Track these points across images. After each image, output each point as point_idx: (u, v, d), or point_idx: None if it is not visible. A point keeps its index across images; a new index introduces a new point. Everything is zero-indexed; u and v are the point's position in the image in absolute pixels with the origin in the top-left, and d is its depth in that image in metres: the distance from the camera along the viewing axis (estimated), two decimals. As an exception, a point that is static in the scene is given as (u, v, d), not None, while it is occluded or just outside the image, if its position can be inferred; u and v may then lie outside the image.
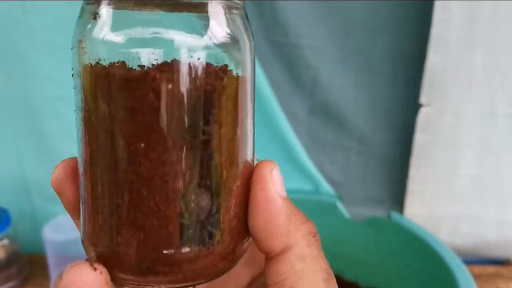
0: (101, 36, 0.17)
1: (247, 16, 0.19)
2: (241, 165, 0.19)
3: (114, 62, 0.17)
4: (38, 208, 0.67)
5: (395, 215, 0.61)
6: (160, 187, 0.17)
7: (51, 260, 0.63)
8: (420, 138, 0.62)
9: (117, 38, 0.17)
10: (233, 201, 0.19)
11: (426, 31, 0.59)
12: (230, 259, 0.19)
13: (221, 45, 0.17)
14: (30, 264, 0.67)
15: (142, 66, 0.16)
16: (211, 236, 0.18)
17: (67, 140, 0.64)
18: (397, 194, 0.66)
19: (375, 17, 0.62)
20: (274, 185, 0.19)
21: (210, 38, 0.17)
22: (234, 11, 0.18)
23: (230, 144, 0.18)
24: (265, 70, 0.62)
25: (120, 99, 0.17)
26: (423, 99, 0.61)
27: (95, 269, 0.17)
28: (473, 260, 0.67)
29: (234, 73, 0.18)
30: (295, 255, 0.19)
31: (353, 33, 0.63)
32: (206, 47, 0.17)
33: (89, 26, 0.17)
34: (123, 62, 0.17)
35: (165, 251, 0.18)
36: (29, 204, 0.67)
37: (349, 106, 0.65)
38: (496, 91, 0.60)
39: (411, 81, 0.62)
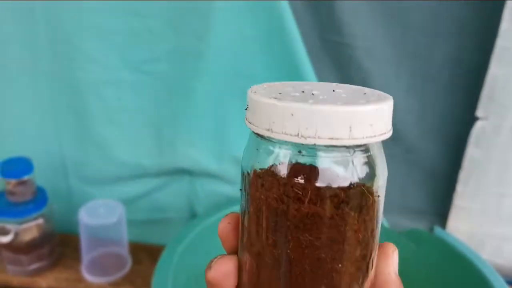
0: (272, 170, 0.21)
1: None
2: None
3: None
4: (74, 189, 0.66)
5: (438, 230, 0.58)
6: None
7: (83, 243, 0.62)
8: (472, 152, 0.60)
9: (284, 171, 0.21)
10: None
11: (490, 40, 0.56)
12: None
13: (363, 179, 0.21)
14: (62, 245, 0.67)
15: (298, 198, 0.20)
16: None
17: (108, 123, 0.63)
18: (440, 208, 0.64)
19: (435, 21, 0.58)
20: (393, 262, 0.24)
21: (355, 174, 0.21)
22: (375, 149, 0.22)
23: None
24: (315, 68, 0.59)
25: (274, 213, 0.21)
26: (479, 112, 0.58)
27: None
28: (513, 281, 0.65)
29: (373, 198, 0.22)
30: None
31: (410, 35, 0.59)
32: (351, 182, 0.21)
33: (263, 159, 0.22)
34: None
35: None
36: (66, 185, 0.66)
37: (399, 112, 0.62)
38: (558, 111, 0.57)
39: (468, 92, 0.59)
